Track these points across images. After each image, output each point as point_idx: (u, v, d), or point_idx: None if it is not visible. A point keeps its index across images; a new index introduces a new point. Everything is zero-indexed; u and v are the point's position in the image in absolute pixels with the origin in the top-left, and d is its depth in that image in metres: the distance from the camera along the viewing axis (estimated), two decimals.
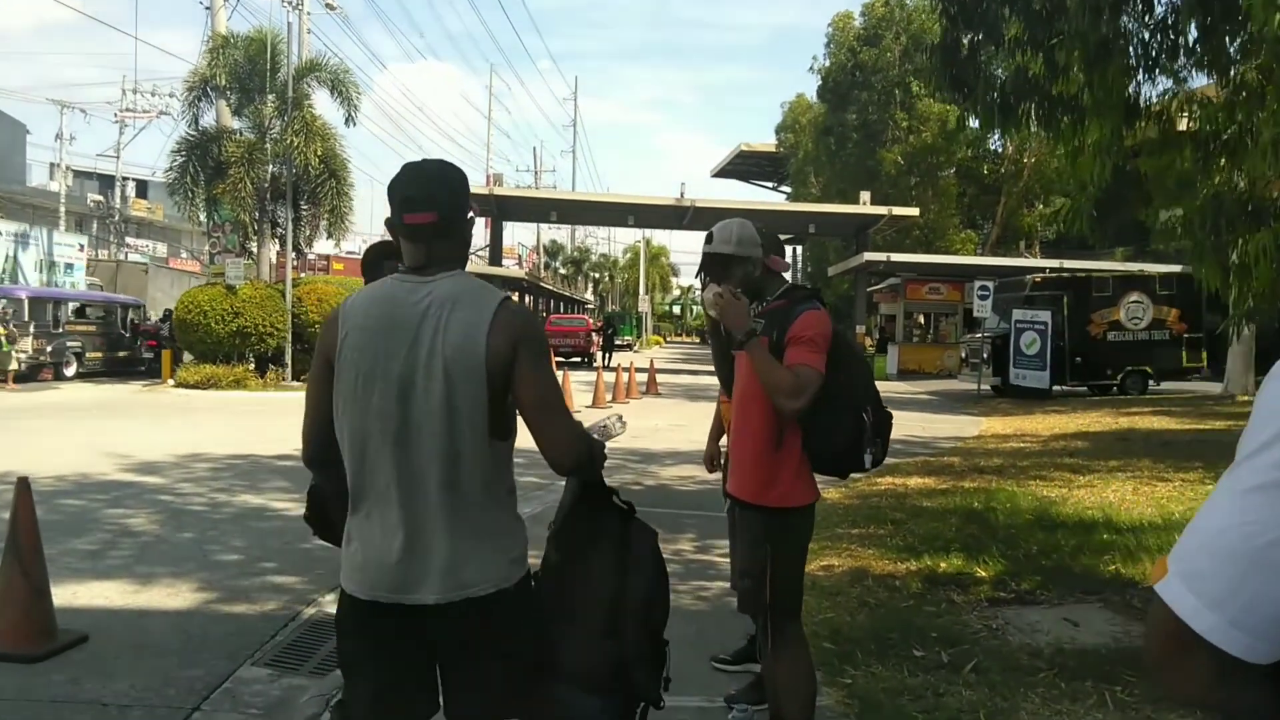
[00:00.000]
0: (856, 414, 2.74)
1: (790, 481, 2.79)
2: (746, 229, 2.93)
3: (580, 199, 33.08)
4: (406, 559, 1.76)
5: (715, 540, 6.44)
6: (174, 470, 8.66)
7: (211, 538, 6.20)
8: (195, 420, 12.79)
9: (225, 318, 17.28)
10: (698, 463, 10.69)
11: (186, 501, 7.36)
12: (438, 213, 1.86)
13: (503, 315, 1.80)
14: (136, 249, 42.42)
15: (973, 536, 6.37)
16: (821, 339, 2.69)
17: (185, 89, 18.45)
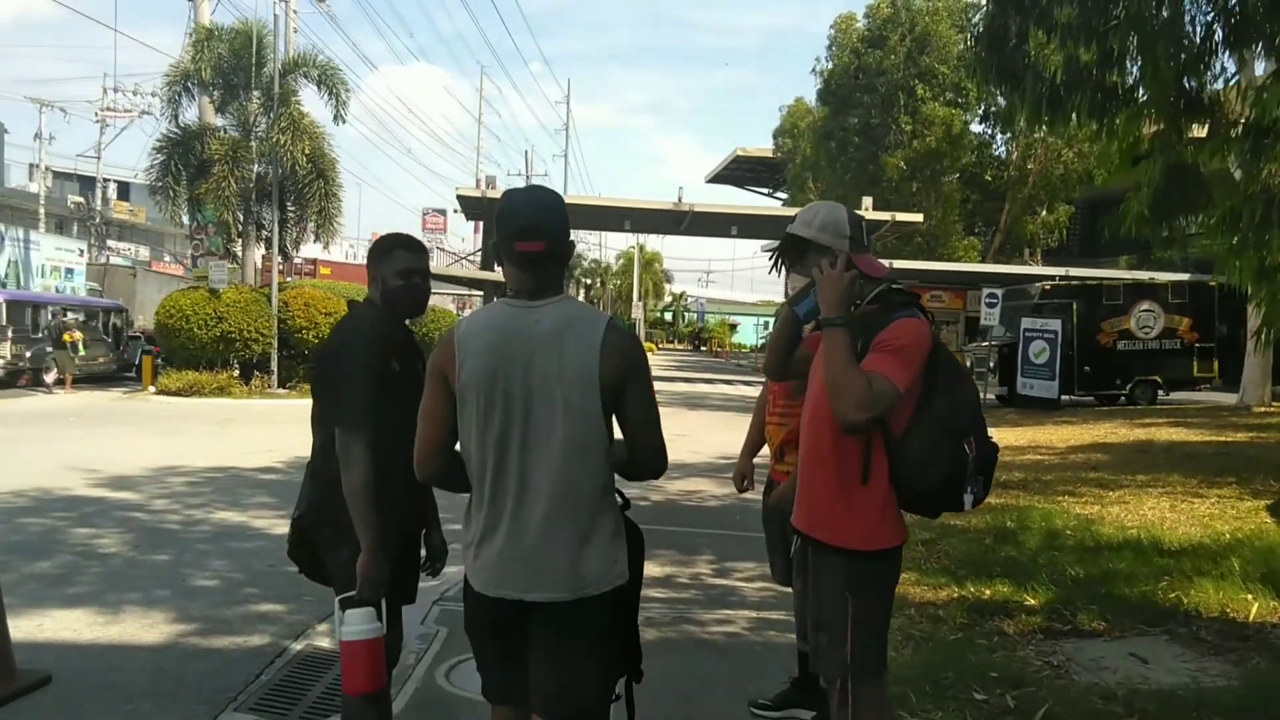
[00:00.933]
0: (958, 444, 2.24)
1: (878, 520, 2.29)
2: (836, 214, 2.47)
3: (575, 202, 32.50)
4: (531, 561, 1.96)
5: (734, 562, 5.92)
6: (148, 485, 8.08)
7: (189, 560, 5.67)
8: (175, 429, 12.19)
9: (208, 322, 16.67)
10: (704, 475, 10.47)
11: (161, 519, 6.79)
12: (547, 241, 2.02)
13: (611, 339, 1.98)
14: (118, 252, 41.71)
15: (1011, 559, 5.88)
16: (915, 351, 2.25)
17: (166, 84, 17.84)
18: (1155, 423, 15.35)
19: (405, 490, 2.54)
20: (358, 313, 2.70)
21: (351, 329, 2.64)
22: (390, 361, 2.57)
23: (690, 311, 78.61)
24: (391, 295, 2.66)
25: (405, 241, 2.72)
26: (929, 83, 32.27)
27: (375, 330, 2.60)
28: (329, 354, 2.67)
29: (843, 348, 2.20)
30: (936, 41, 32.75)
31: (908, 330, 2.25)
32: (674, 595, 5.20)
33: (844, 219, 2.43)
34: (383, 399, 2.49)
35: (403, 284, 2.64)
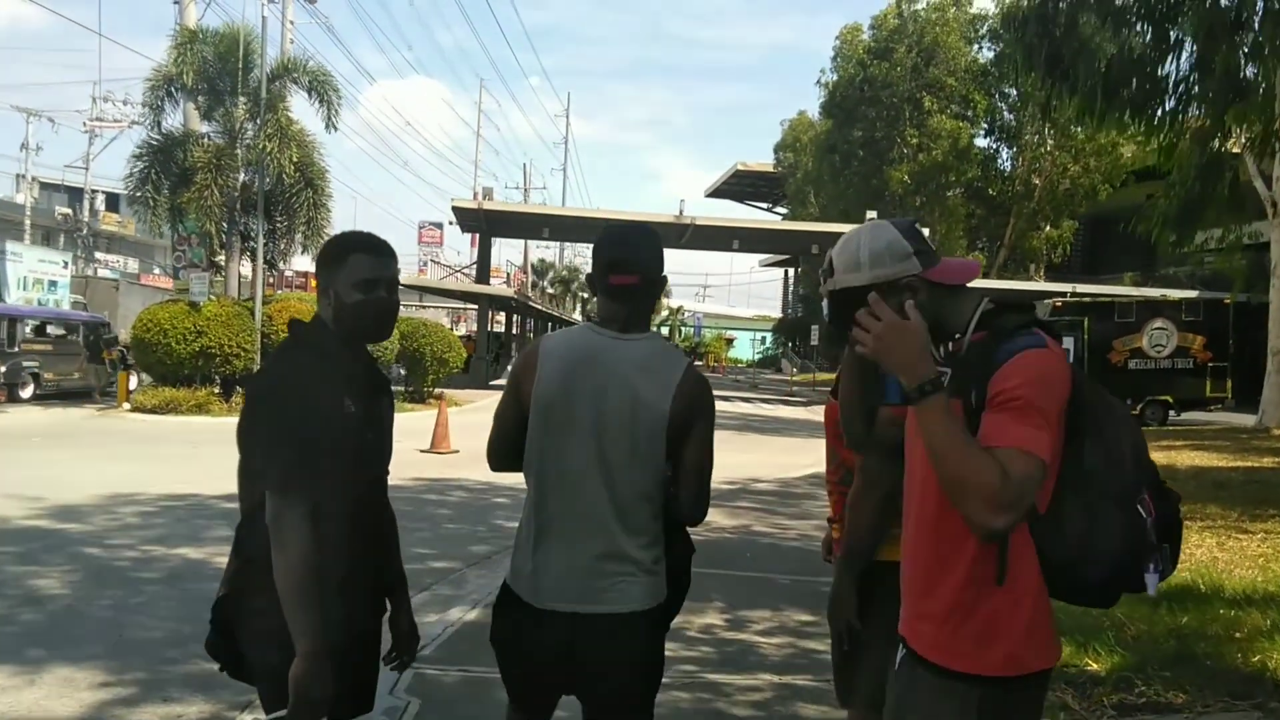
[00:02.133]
0: (1129, 507, 1.59)
1: (1022, 634, 1.63)
2: (879, 237, 1.74)
3: (574, 215, 31.97)
4: (585, 578, 2.06)
5: (749, 611, 5.26)
6: (103, 514, 7.37)
7: (135, 606, 5.01)
8: (144, 451, 11.46)
9: (187, 337, 15.95)
10: (712, 503, 9.70)
11: (112, 555, 6.11)
12: (640, 275, 2.11)
13: (686, 385, 2.07)
14: (107, 264, 41.08)
15: (1062, 610, 5.18)
16: (1051, 397, 1.58)
17: (148, 88, 17.18)
18: (1172, 445, 14.74)
19: (361, 574, 1.98)
20: (301, 337, 2.10)
21: (290, 359, 2.05)
22: (343, 401, 1.99)
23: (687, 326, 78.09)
24: (347, 314, 2.06)
25: (365, 243, 2.10)
26: (936, 95, 31.87)
27: (322, 361, 2.02)
28: (261, 392, 2.05)
29: (945, 427, 1.54)
30: (944, 53, 32.40)
31: (1032, 368, 1.57)
32: (684, 652, 4.53)
33: (895, 239, 1.73)
34: (332, 453, 1.94)
35: (361, 299, 2.04)
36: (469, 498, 8.89)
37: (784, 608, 5.34)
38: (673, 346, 2.21)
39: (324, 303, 2.07)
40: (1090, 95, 5.54)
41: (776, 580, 5.99)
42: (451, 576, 5.86)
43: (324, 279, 2.08)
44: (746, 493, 10.11)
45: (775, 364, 59.19)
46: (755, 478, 11.25)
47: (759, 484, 10.80)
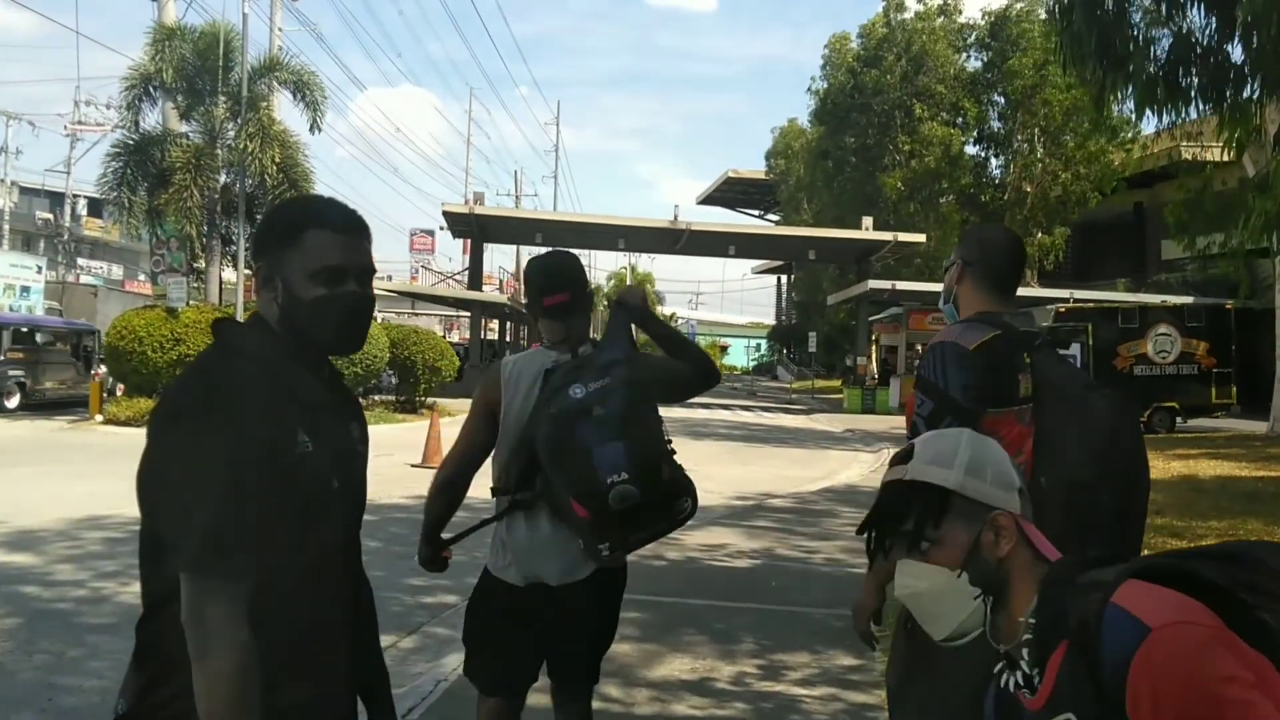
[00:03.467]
0: None
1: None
2: (989, 450, 1.39)
3: (568, 220, 31.38)
4: (549, 552, 2.43)
5: (784, 654, 4.61)
6: (60, 542, 6.69)
7: (71, 663, 4.31)
8: (115, 467, 10.58)
9: (164, 344, 15.22)
10: (726, 523, 8.75)
11: (59, 594, 5.42)
12: (570, 293, 2.48)
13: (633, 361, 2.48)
14: (90, 270, 40.25)
15: None
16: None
17: (125, 86, 16.50)
18: (1188, 454, 14.29)
19: (324, 682, 1.39)
20: (232, 344, 1.46)
21: (216, 375, 1.40)
22: (294, 436, 1.38)
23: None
24: (302, 314, 1.46)
25: (326, 215, 1.50)
26: (927, 102, 31.64)
27: (263, 378, 1.39)
28: (172, 424, 1.37)
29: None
30: (933, 61, 32.25)
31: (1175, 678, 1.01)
32: (717, 711, 3.90)
33: (1005, 461, 1.38)
34: (278, 513, 1.33)
35: (322, 295, 1.45)
36: (466, 518, 8.21)
37: (821, 649, 4.72)
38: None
39: (266, 297, 1.49)
40: (1150, 85, 4.99)
41: (809, 614, 5.36)
42: (445, 614, 5.22)
43: (268, 264, 1.48)
44: (762, 510, 9.50)
45: (771, 371, 58.72)
46: (769, 493, 10.65)
47: (773, 500, 10.20)
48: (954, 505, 1.30)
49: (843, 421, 22.63)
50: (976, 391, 1.95)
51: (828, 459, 14.63)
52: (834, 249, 31.05)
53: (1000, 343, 2.00)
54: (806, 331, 38.88)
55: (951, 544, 1.29)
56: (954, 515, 1.30)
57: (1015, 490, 1.33)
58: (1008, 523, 1.29)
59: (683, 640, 4.79)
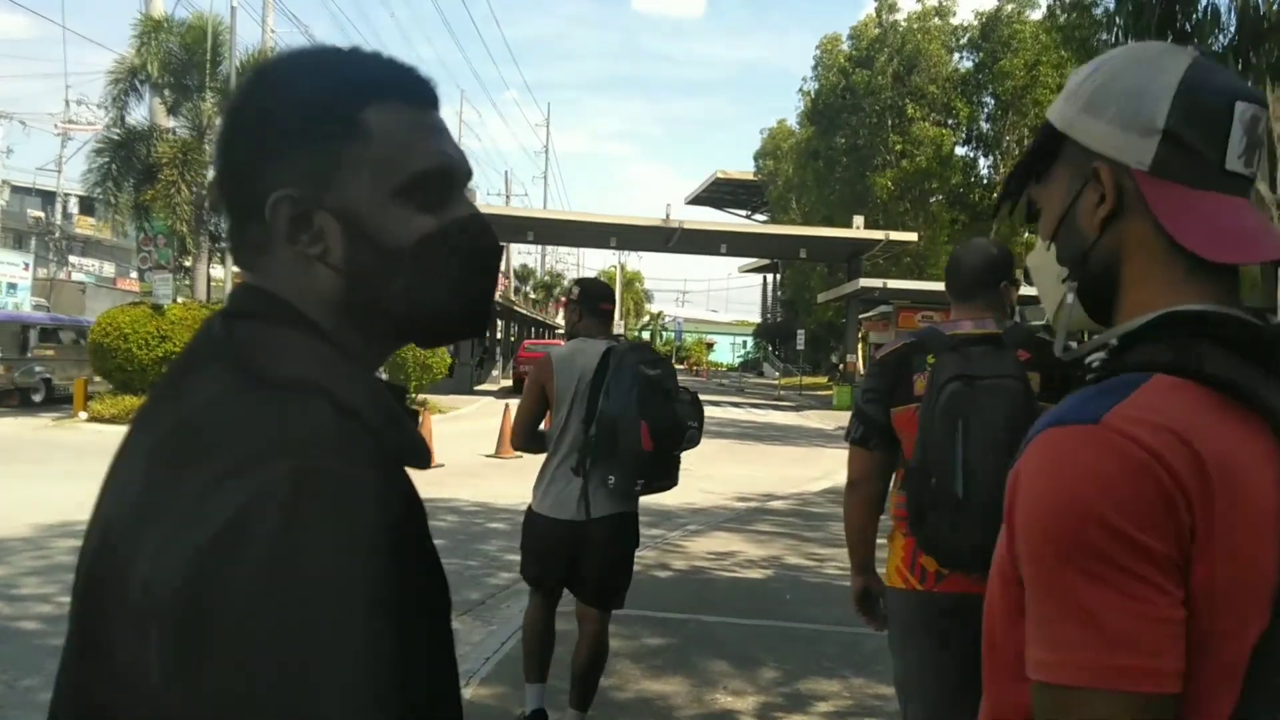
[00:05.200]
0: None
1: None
2: (1143, 70, 0.86)
3: (559, 218, 31.05)
4: (572, 497, 3.33)
5: (810, 681, 4.34)
6: (29, 551, 6.36)
7: (23, 694, 3.96)
8: (98, 467, 10.19)
9: (150, 341, 14.85)
10: (731, 528, 8.47)
11: (18, 612, 5.05)
12: (614, 307, 3.77)
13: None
14: (81, 268, 39.75)
15: None
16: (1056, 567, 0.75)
17: (111, 80, 16.11)
18: None
19: None
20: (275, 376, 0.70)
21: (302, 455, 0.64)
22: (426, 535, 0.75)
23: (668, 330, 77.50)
24: (389, 276, 0.76)
25: (394, 77, 0.78)
26: (919, 102, 31.55)
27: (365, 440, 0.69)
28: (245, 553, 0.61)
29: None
30: (925, 61, 32.16)
31: (1044, 495, 0.76)
32: None
33: (1168, 84, 0.83)
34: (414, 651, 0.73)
35: (432, 233, 0.76)
36: (459, 524, 7.95)
37: (848, 673, 4.45)
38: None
39: (293, 258, 0.75)
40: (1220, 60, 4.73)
41: (834, 634, 5.06)
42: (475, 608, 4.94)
43: (299, 188, 0.74)
44: (765, 513, 9.26)
45: (757, 368, 58.62)
46: (769, 493, 10.42)
47: (775, 501, 9.96)
48: (1064, 152, 0.90)
49: (834, 419, 22.44)
50: (875, 394, 2.32)
51: (823, 457, 14.40)
52: (825, 247, 30.89)
53: (905, 349, 2.31)
54: (793, 329, 38.76)
55: (1050, 206, 0.91)
56: (1061, 166, 0.90)
57: (1150, 134, 0.83)
58: (1108, 178, 0.85)
59: (696, 663, 4.52)
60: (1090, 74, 0.88)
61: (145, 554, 0.62)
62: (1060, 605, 0.73)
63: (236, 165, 0.76)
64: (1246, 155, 0.82)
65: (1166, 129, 0.82)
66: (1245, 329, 0.79)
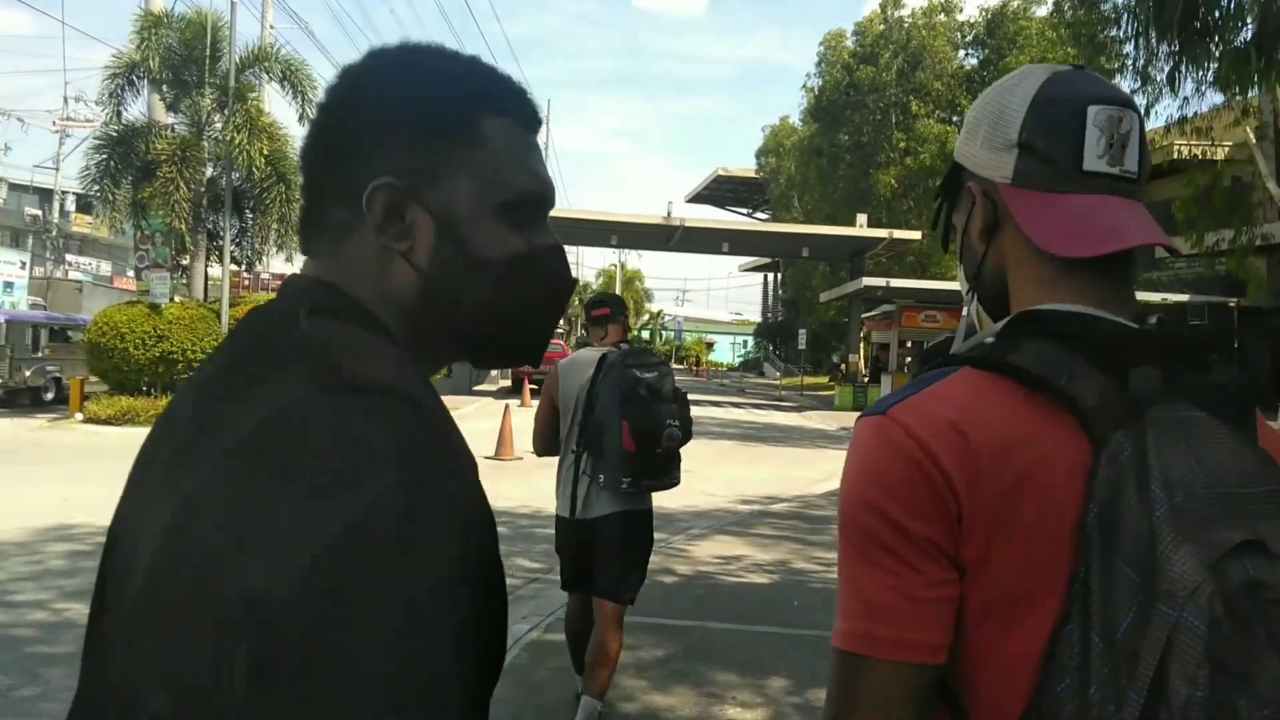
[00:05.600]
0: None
1: None
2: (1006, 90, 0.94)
3: (560, 215, 30.88)
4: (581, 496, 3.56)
5: (822, 690, 4.22)
6: (22, 556, 6.23)
7: (19, 705, 3.85)
8: (93, 469, 10.25)
9: (147, 341, 14.72)
10: (735, 531, 8.33)
11: (14, 619, 4.95)
12: (610, 308, 3.82)
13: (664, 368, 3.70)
14: (79, 267, 39.63)
15: None
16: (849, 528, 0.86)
17: (109, 75, 15.98)
18: None
19: None
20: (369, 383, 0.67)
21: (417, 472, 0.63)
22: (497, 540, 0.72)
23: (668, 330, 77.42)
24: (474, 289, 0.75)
25: (511, 95, 0.79)
26: (923, 99, 31.38)
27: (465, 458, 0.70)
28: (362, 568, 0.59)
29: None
30: (930, 58, 31.99)
31: (842, 479, 0.89)
32: None
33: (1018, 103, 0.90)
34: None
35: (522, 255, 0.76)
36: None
37: None
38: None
39: (383, 250, 0.73)
40: (1242, 55, 4.61)
41: None
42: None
43: (407, 177, 0.73)
44: (768, 516, 9.13)
45: (757, 368, 58.45)
46: (772, 496, 10.28)
47: (778, 504, 9.83)
48: (962, 179, 0.96)
49: (836, 419, 22.32)
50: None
51: (826, 458, 14.27)
52: (828, 246, 30.75)
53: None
54: (795, 329, 38.60)
55: (955, 231, 0.99)
56: (962, 192, 0.97)
57: (1009, 149, 0.88)
58: (979, 196, 0.91)
59: (702, 673, 4.40)
60: (972, 105, 0.96)
61: (247, 564, 0.58)
62: (843, 579, 0.82)
63: (335, 143, 0.75)
64: (1110, 153, 0.86)
65: (1021, 142, 0.87)
66: (1079, 324, 0.83)
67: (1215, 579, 0.69)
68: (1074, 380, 0.79)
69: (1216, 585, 0.69)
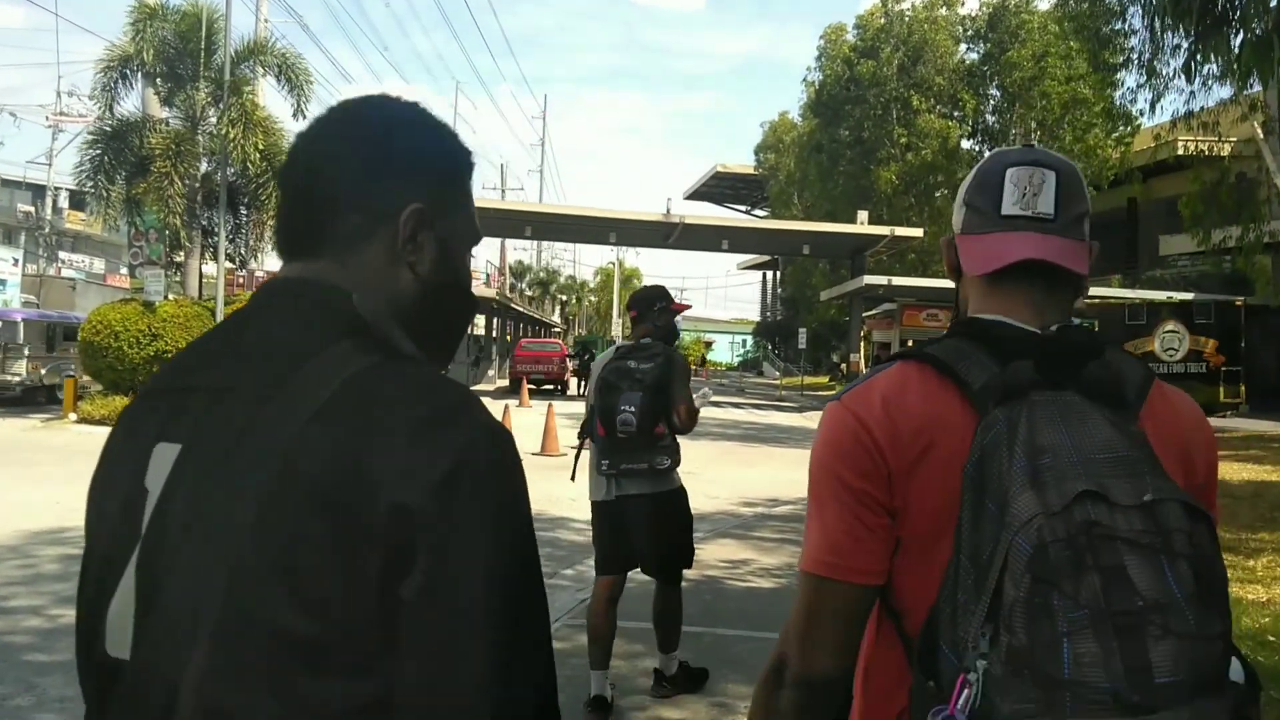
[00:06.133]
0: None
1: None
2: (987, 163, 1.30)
3: (558, 212, 30.76)
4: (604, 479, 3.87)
5: None
6: (14, 560, 6.07)
7: (14, 713, 3.71)
8: (85, 470, 10.06)
9: (140, 340, 14.53)
10: (738, 535, 8.15)
11: (11, 625, 4.80)
12: (638, 310, 4.09)
13: (677, 358, 3.92)
14: (71, 264, 39.41)
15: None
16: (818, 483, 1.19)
17: (102, 68, 15.79)
18: None
19: None
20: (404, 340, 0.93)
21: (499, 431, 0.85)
22: None
23: None
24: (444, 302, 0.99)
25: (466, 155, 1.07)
26: (925, 93, 31.19)
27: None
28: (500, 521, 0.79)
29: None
30: (932, 52, 31.79)
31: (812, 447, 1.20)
32: None
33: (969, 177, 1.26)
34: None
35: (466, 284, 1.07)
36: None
37: None
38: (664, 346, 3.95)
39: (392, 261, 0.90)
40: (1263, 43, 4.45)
41: None
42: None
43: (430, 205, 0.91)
44: (771, 519, 8.98)
45: (756, 367, 58.33)
46: (774, 498, 10.13)
47: (781, 506, 9.67)
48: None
49: None
50: None
51: None
52: (829, 243, 30.59)
53: None
54: (794, 327, 38.46)
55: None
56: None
57: (961, 208, 1.19)
58: (945, 246, 1.23)
59: (714, 682, 4.26)
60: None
61: (380, 487, 0.72)
62: (809, 522, 1.11)
63: (373, 164, 0.89)
64: (1024, 200, 1.11)
65: (965, 201, 1.18)
66: (987, 328, 1.10)
67: (1054, 517, 0.89)
68: (969, 368, 1.04)
69: (1048, 520, 0.89)
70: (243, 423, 0.76)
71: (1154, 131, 19.67)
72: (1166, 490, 0.91)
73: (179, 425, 0.80)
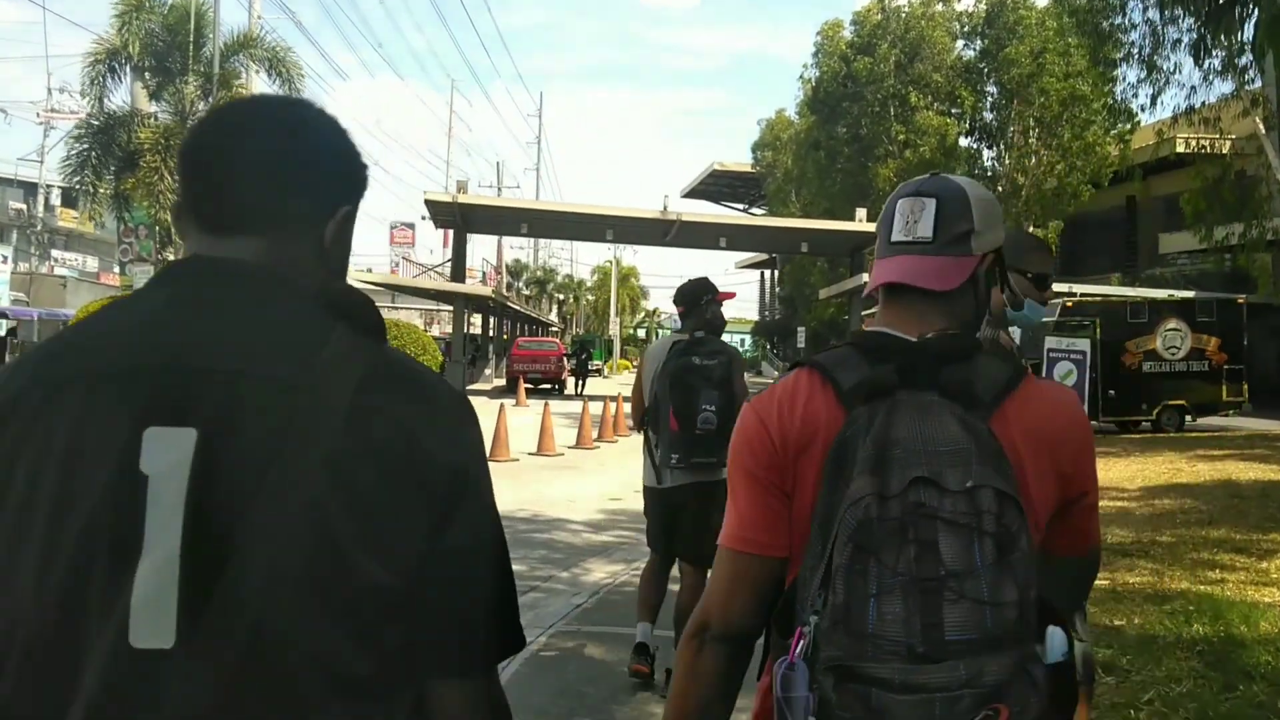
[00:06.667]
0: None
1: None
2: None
3: (555, 209, 30.55)
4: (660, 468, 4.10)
5: None
6: None
7: None
8: None
9: None
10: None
11: None
12: (685, 305, 4.20)
13: (737, 355, 4.21)
14: (64, 262, 39.16)
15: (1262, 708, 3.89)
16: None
17: (90, 62, 15.57)
18: (1212, 455, 13.76)
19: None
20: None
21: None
22: None
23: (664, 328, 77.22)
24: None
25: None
26: (923, 90, 31.03)
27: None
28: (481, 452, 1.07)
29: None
30: (929, 48, 31.65)
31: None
32: None
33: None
34: None
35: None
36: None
37: None
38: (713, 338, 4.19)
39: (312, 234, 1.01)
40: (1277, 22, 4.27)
41: None
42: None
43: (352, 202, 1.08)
44: None
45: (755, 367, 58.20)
46: None
47: None
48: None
49: None
50: None
51: None
52: (827, 241, 30.46)
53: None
54: (793, 326, 38.31)
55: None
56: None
57: (877, 235, 1.46)
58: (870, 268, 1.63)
59: None
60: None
61: (444, 446, 0.90)
62: (729, 504, 1.32)
63: (323, 160, 1.00)
64: (907, 228, 1.32)
65: (876, 230, 1.43)
66: (868, 338, 1.34)
67: (888, 499, 1.07)
68: (844, 371, 1.25)
69: (877, 500, 1.07)
70: (282, 405, 0.83)
71: (1155, 127, 19.55)
72: (985, 478, 1.07)
73: (180, 410, 0.81)
